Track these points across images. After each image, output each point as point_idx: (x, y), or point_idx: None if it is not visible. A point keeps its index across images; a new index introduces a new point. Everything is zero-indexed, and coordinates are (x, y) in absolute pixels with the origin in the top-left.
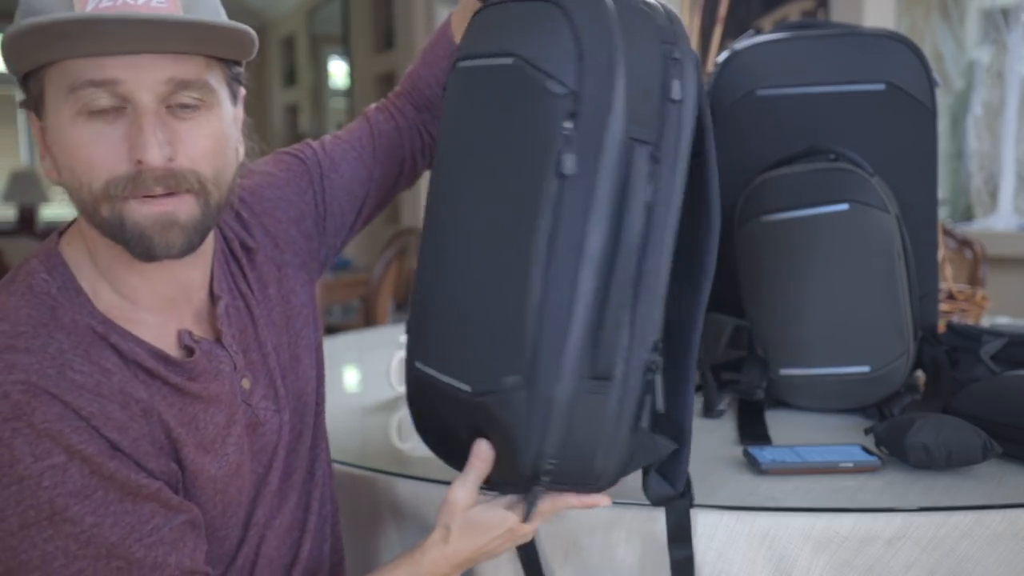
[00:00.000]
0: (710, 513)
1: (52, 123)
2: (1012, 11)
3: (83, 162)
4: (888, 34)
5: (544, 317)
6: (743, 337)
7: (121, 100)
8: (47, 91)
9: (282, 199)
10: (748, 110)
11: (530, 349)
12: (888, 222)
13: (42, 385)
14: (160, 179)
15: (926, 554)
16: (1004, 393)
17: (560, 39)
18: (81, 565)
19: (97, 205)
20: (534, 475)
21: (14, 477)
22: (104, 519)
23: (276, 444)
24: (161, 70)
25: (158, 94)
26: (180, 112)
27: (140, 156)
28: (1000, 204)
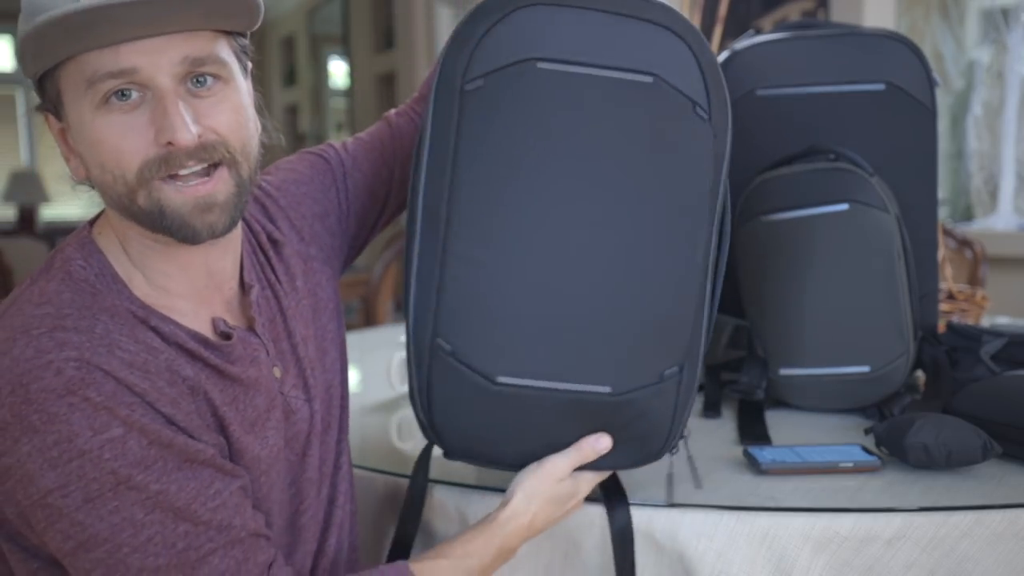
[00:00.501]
0: (710, 513)
1: (74, 121)
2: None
3: (112, 154)
4: (888, 34)
5: (700, 315)
6: (743, 337)
7: (140, 88)
8: (64, 90)
9: (307, 195)
10: (748, 110)
11: (690, 343)
12: (888, 222)
13: (95, 362)
14: (192, 154)
15: (926, 554)
16: (1004, 393)
17: (691, 68)
18: (149, 533)
19: (133, 195)
20: (666, 448)
21: (75, 452)
22: (168, 486)
23: (308, 432)
24: (175, 50)
25: (175, 74)
26: (198, 90)
27: (170, 138)
28: (1000, 204)
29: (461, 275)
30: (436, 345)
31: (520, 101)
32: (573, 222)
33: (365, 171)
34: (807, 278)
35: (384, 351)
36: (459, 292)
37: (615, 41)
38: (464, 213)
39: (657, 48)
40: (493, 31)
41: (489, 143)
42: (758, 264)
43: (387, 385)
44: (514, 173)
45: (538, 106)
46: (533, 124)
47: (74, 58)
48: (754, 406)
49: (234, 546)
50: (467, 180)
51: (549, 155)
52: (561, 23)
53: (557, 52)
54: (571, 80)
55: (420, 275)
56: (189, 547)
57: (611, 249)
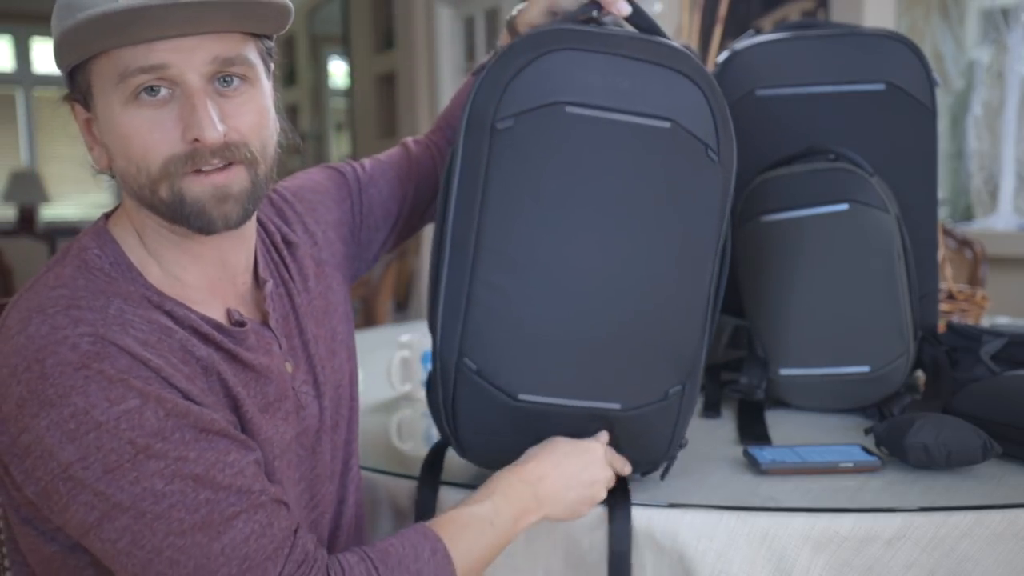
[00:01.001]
0: (710, 513)
1: (102, 113)
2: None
3: (139, 147)
4: (888, 34)
5: (705, 338)
6: (743, 337)
7: (170, 84)
8: (95, 82)
9: (322, 203)
10: (748, 110)
11: (692, 363)
12: (888, 222)
13: (109, 337)
14: (216, 152)
15: (926, 554)
16: (1004, 393)
17: (703, 111)
18: (171, 501)
19: (156, 187)
20: (665, 458)
21: (91, 424)
22: (186, 453)
23: (318, 428)
24: (205, 50)
25: (204, 73)
26: (225, 90)
27: (197, 135)
28: (1000, 204)
29: (487, 300)
30: (462, 364)
31: (548, 142)
32: (593, 255)
33: (381, 188)
34: (807, 278)
35: (384, 351)
36: (485, 315)
37: (638, 87)
38: (492, 243)
39: (674, 94)
40: (523, 73)
41: (518, 180)
42: (758, 264)
43: (387, 385)
44: (540, 208)
45: (565, 147)
46: (560, 164)
47: (107, 53)
48: (754, 406)
49: (257, 510)
50: (495, 213)
51: (573, 193)
52: (589, 68)
53: (584, 97)
54: (597, 124)
55: (448, 298)
56: (212, 511)
57: (627, 280)
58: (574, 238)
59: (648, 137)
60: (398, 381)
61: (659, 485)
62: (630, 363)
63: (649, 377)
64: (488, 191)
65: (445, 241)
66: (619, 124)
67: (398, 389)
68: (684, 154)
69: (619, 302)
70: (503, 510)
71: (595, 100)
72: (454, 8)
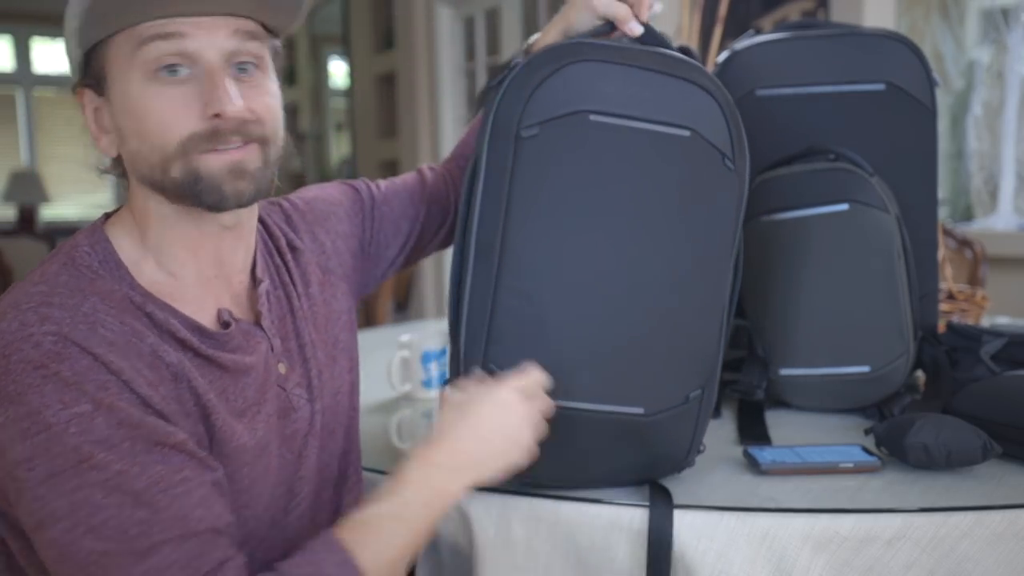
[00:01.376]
0: (710, 513)
1: (118, 93)
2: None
3: (156, 124)
4: (888, 34)
5: (722, 342)
6: (743, 337)
7: (190, 63)
8: (111, 63)
9: (334, 214)
10: (748, 110)
11: (711, 367)
12: (888, 222)
13: (72, 337)
14: (236, 129)
15: (926, 554)
16: (1004, 393)
17: (719, 121)
18: (105, 515)
19: (168, 165)
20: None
21: (42, 425)
22: (131, 467)
23: (307, 433)
24: (225, 29)
25: (224, 52)
26: (241, 75)
27: (219, 109)
28: (1000, 204)
29: (512, 305)
30: (487, 368)
31: (573, 149)
32: (616, 260)
33: (393, 208)
34: (807, 278)
35: (384, 351)
36: (510, 321)
37: (658, 97)
38: (517, 249)
39: (692, 104)
40: (547, 83)
41: (542, 186)
42: (758, 264)
43: (387, 385)
44: (565, 214)
45: (589, 155)
46: (584, 171)
47: (125, 30)
48: (754, 406)
49: (189, 539)
50: (520, 219)
51: (597, 199)
52: (610, 79)
53: (607, 106)
54: (619, 132)
55: (472, 303)
56: (142, 534)
57: (649, 284)
58: (598, 244)
59: (669, 145)
60: (398, 381)
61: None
62: (653, 367)
63: (671, 381)
64: (512, 198)
65: (469, 247)
66: (641, 132)
67: (398, 389)
68: (703, 162)
69: (642, 306)
70: (412, 500)
71: (618, 109)
72: (454, 8)
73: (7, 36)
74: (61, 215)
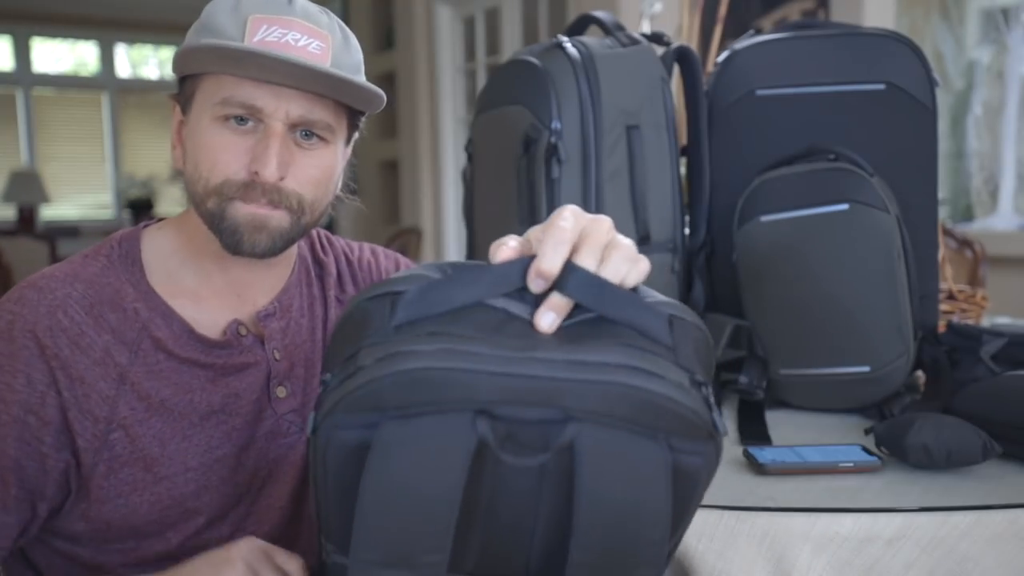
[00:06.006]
0: (710, 513)
1: (193, 121)
2: (1012, 11)
3: (208, 160)
4: (888, 34)
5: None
6: (743, 337)
7: (256, 116)
8: (197, 94)
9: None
10: (748, 110)
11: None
12: (888, 222)
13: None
14: (267, 192)
15: (926, 554)
16: (1004, 393)
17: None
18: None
19: (207, 197)
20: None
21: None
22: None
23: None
24: (298, 106)
25: (289, 119)
26: (302, 141)
27: (258, 169)
28: (1000, 204)
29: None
30: None
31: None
32: None
33: None
34: (807, 278)
35: None
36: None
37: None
38: None
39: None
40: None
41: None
42: (758, 264)
43: None
44: None
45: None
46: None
47: (216, 75)
48: (754, 406)
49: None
50: None
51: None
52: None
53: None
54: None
55: None
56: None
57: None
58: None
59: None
60: None
61: None
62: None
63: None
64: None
65: None
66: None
67: None
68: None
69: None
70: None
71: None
72: (454, 8)
73: (7, 36)
74: (61, 215)
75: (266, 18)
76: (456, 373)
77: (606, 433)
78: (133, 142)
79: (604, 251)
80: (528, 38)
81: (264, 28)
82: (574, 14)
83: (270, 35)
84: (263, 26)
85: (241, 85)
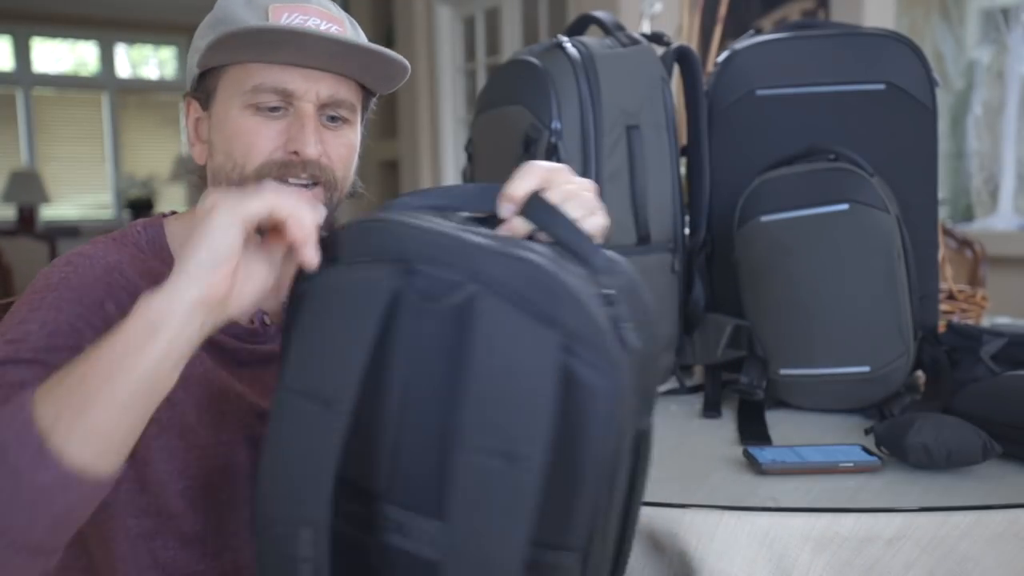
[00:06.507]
0: (710, 513)
1: (218, 112)
2: (1012, 11)
3: (243, 147)
4: (888, 34)
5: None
6: (743, 337)
7: (287, 101)
8: (220, 87)
9: None
10: (748, 110)
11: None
12: (888, 222)
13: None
14: (307, 167)
15: (926, 554)
16: (1004, 393)
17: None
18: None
19: (243, 183)
20: None
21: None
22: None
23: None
24: (327, 87)
25: (319, 101)
26: (328, 124)
27: (299, 148)
28: (1000, 204)
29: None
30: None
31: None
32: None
33: None
34: (807, 278)
35: None
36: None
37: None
38: None
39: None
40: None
41: None
42: (758, 264)
43: None
44: None
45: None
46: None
47: (244, 64)
48: (754, 406)
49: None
50: None
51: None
52: None
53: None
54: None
55: None
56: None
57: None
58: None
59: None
60: None
61: (659, 485)
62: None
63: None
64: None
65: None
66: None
67: None
68: None
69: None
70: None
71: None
72: (454, 8)
73: (7, 36)
74: (61, 215)
75: (285, 6)
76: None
77: (504, 305)
78: (133, 142)
79: (567, 193)
80: (528, 38)
81: (286, 15)
82: (574, 14)
83: (293, 20)
84: (284, 13)
85: (271, 71)
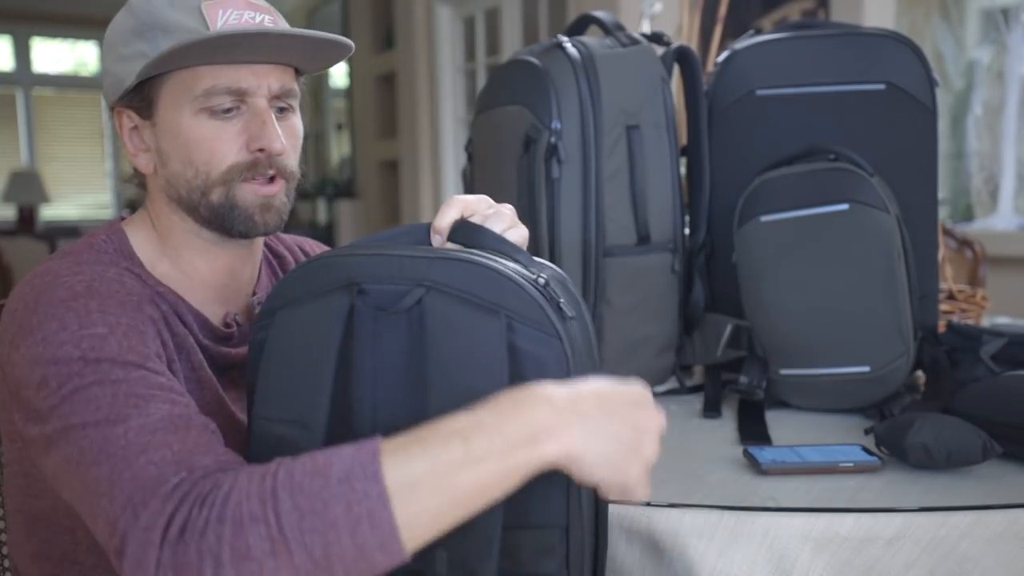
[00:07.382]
0: (710, 513)
1: (166, 121)
2: (1012, 11)
3: (205, 153)
4: (888, 34)
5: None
6: (743, 337)
7: (240, 100)
8: (164, 93)
9: None
10: (748, 110)
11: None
12: (888, 222)
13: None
14: (272, 164)
15: (926, 554)
16: (1004, 393)
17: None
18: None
19: (210, 190)
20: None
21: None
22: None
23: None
24: (276, 79)
25: (270, 95)
26: (278, 115)
27: (265, 145)
28: (1000, 204)
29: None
30: None
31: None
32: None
33: None
34: (807, 278)
35: None
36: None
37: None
38: None
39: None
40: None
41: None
42: (758, 264)
43: None
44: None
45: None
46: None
47: (189, 68)
48: (754, 406)
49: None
50: None
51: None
52: None
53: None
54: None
55: None
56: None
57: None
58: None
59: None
60: None
61: (659, 485)
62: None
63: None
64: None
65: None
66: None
67: None
68: None
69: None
70: (489, 424)
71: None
72: (454, 8)
73: (7, 36)
74: (61, 215)
75: (218, 3)
76: (339, 258)
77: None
78: None
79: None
80: (528, 38)
81: (221, 13)
82: (574, 14)
83: (231, 18)
84: (219, 12)
85: (221, 71)
